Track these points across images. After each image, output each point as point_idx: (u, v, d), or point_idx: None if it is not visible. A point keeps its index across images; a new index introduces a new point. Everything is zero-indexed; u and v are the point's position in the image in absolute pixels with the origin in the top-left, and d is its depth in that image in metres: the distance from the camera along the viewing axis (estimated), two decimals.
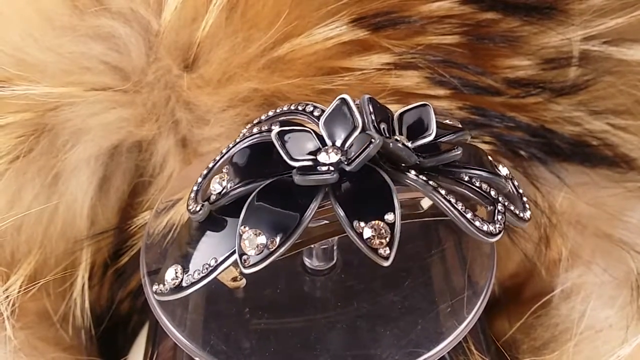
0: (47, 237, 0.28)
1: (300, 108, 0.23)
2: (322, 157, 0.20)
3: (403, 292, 0.23)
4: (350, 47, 0.27)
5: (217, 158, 0.22)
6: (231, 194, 0.21)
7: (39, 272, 0.28)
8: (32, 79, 0.26)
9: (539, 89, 0.29)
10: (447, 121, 0.23)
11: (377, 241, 0.19)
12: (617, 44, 0.29)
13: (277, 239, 0.20)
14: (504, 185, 0.23)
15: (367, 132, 0.21)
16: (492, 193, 0.22)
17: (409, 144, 0.21)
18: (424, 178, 0.21)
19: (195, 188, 0.22)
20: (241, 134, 0.23)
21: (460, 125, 0.23)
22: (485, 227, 0.21)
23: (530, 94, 0.29)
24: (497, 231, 0.21)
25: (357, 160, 0.20)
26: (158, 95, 0.28)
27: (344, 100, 0.21)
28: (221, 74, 0.27)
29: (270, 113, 0.23)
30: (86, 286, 0.29)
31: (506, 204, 0.22)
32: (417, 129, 0.21)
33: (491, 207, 0.22)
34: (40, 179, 0.28)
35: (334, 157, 0.20)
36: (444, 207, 0.20)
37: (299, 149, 0.21)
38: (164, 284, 0.21)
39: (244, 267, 0.20)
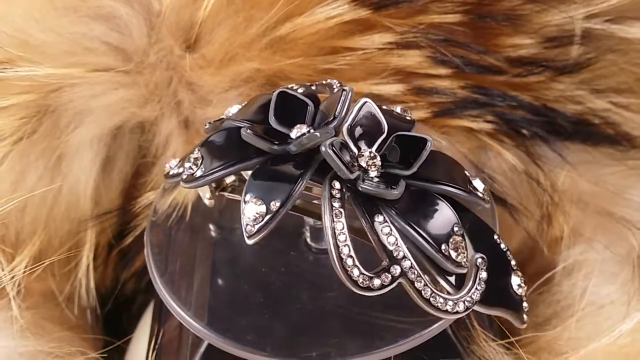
0: (51, 218, 0.28)
1: (334, 85, 0.23)
2: (293, 131, 0.21)
3: None
4: (352, 27, 0.27)
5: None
6: (230, 121, 0.22)
7: (43, 253, 0.28)
8: (34, 60, 0.26)
9: (541, 68, 0.29)
10: (478, 183, 0.22)
11: (250, 219, 0.20)
12: (619, 22, 0.29)
13: (203, 172, 0.21)
14: (438, 259, 0.20)
15: (328, 126, 0.21)
16: (398, 252, 0.20)
17: (376, 165, 0.20)
18: (336, 194, 0.20)
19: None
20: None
21: (483, 196, 0.22)
22: (357, 274, 0.19)
23: (532, 72, 0.29)
24: (364, 285, 0.19)
25: (293, 143, 0.21)
26: (160, 76, 0.28)
27: (345, 92, 0.22)
28: (223, 54, 0.27)
29: (324, 81, 0.24)
30: (91, 266, 0.29)
31: (411, 275, 0.20)
32: (406, 157, 0.21)
33: (384, 263, 0.20)
34: (43, 161, 0.28)
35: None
36: (325, 230, 0.20)
37: (290, 115, 0.21)
38: (169, 168, 0.23)
39: (182, 181, 0.22)
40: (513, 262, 0.22)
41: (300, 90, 0.23)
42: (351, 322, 0.22)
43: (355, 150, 0.20)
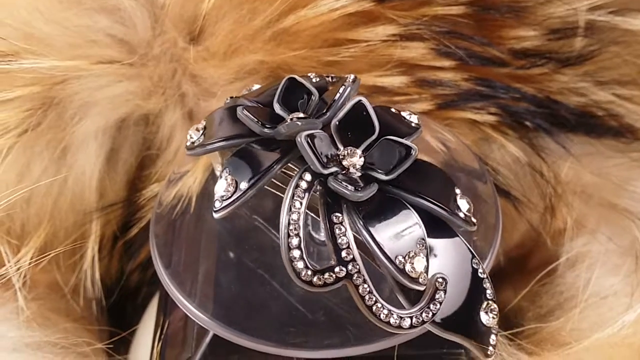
0: (56, 209, 0.29)
1: (348, 79, 0.23)
2: (288, 118, 0.21)
3: None
4: (355, 19, 0.27)
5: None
6: (243, 99, 0.23)
7: (49, 245, 0.28)
8: (39, 52, 0.26)
9: (545, 60, 0.29)
10: (463, 203, 0.21)
11: (219, 195, 0.20)
12: (622, 14, 0.29)
13: (201, 142, 0.22)
14: (390, 270, 0.19)
15: (318, 118, 0.21)
16: (347, 254, 0.19)
17: (356, 165, 0.20)
18: (302, 185, 0.20)
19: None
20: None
21: (466, 217, 0.21)
22: (301, 266, 0.19)
23: (535, 64, 0.29)
24: (306, 279, 0.19)
25: (277, 127, 0.21)
26: (164, 69, 0.28)
27: (343, 87, 0.22)
28: (227, 47, 0.27)
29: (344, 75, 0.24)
30: (96, 258, 0.29)
31: (356, 279, 0.19)
32: (389, 162, 0.20)
33: (332, 262, 0.19)
34: (48, 152, 0.28)
35: None
36: (281, 218, 0.20)
37: (295, 102, 0.22)
38: (190, 136, 0.23)
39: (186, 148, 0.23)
40: (489, 291, 0.21)
41: (314, 80, 0.23)
42: (353, 316, 0.22)
43: (341, 146, 0.20)
